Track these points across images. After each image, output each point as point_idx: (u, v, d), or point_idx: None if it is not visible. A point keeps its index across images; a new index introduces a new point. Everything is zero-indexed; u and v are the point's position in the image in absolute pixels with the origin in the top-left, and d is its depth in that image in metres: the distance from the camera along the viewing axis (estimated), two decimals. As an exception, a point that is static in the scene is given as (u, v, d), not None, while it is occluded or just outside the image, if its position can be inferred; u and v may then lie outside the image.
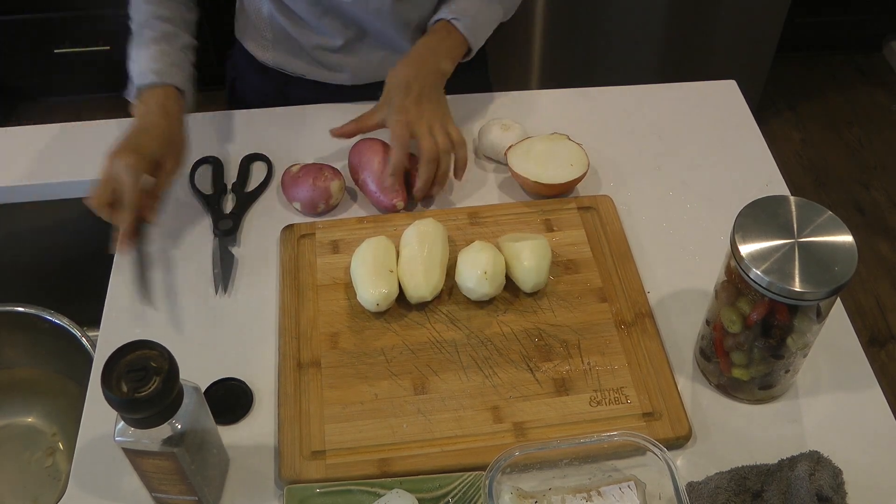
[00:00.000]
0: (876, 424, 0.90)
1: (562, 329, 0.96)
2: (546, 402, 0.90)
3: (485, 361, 0.93)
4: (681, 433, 0.87)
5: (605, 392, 0.91)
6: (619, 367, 0.93)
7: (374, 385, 0.91)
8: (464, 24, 1.11)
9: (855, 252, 0.79)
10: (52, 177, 1.15)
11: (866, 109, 2.72)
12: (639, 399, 0.90)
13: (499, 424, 0.88)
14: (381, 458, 0.85)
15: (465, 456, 0.85)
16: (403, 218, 1.06)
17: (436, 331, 0.96)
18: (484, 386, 0.91)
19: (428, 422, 0.88)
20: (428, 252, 0.97)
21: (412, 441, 0.87)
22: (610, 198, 1.10)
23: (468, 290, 0.97)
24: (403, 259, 0.98)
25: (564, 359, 0.94)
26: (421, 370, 0.93)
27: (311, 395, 0.90)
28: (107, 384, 0.69)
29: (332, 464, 0.85)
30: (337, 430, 0.88)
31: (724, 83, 1.29)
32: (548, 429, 0.88)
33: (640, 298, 0.99)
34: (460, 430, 0.88)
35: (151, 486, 0.80)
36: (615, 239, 1.05)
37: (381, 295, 0.95)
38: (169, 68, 1.05)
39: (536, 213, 1.08)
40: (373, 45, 1.19)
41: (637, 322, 0.97)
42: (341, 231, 1.06)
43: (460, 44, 1.12)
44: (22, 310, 1.14)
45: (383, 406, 0.90)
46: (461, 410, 0.89)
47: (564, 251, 1.04)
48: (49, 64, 2.51)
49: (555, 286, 1.00)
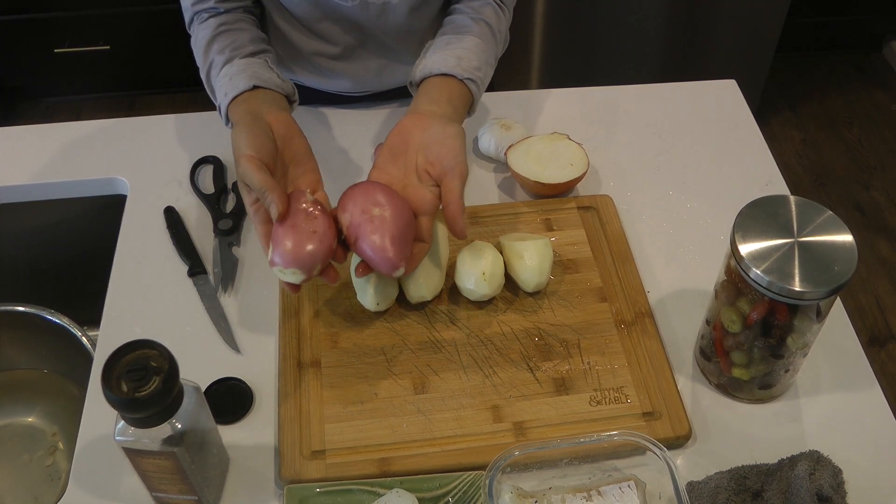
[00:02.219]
0: (876, 424, 0.90)
1: (562, 329, 0.96)
2: (546, 402, 0.90)
3: (485, 361, 0.93)
4: (681, 433, 0.87)
5: (605, 391, 0.91)
6: (619, 367, 0.93)
7: (374, 385, 0.91)
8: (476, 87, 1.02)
9: (855, 252, 0.79)
10: (52, 177, 1.15)
11: (866, 109, 2.72)
12: (639, 399, 0.90)
13: (499, 424, 0.88)
14: (381, 458, 0.85)
15: (465, 455, 0.85)
16: None
17: (436, 330, 0.96)
18: (484, 385, 0.91)
19: (428, 421, 0.88)
20: (429, 252, 0.97)
21: (412, 441, 0.87)
22: (610, 197, 1.10)
23: (467, 290, 0.97)
24: None
25: (564, 358, 0.94)
26: (421, 370, 0.93)
27: (312, 395, 0.90)
28: (107, 384, 0.69)
29: (333, 463, 0.85)
30: (337, 429, 0.88)
31: (724, 83, 1.29)
32: (548, 428, 0.88)
33: (639, 298, 0.99)
34: (460, 430, 0.88)
35: (151, 485, 0.80)
36: (615, 239, 1.05)
37: (382, 294, 0.95)
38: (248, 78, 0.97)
39: (536, 213, 1.08)
40: (372, 53, 1.18)
41: (637, 322, 0.97)
42: None
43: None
44: (22, 310, 1.14)
45: (383, 406, 0.90)
46: (461, 410, 0.89)
47: (564, 251, 1.04)
48: (49, 64, 2.51)
49: (555, 286, 1.00)
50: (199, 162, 1.15)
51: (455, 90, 0.99)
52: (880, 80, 2.82)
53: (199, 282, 1.02)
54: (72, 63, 2.51)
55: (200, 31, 1.03)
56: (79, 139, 1.20)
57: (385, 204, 0.87)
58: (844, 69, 2.85)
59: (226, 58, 1.00)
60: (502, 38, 1.10)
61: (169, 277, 1.03)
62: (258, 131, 0.89)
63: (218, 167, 1.14)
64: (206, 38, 1.02)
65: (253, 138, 0.88)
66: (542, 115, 1.23)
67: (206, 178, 1.14)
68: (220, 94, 0.98)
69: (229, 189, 1.13)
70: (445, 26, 1.08)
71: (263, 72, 0.98)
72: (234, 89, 0.96)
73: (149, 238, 1.07)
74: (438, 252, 0.98)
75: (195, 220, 1.09)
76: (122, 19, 2.43)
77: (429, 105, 0.97)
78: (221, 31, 1.02)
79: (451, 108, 0.97)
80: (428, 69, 1.00)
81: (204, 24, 1.03)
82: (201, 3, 1.03)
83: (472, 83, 1.00)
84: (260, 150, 0.88)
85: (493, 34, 1.07)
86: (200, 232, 1.08)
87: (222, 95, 0.97)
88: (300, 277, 0.85)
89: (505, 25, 1.11)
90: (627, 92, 1.28)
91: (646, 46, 2.30)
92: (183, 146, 1.19)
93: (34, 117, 2.65)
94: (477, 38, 1.04)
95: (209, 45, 1.02)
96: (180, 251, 1.05)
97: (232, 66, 0.99)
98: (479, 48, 1.03)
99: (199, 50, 1.03)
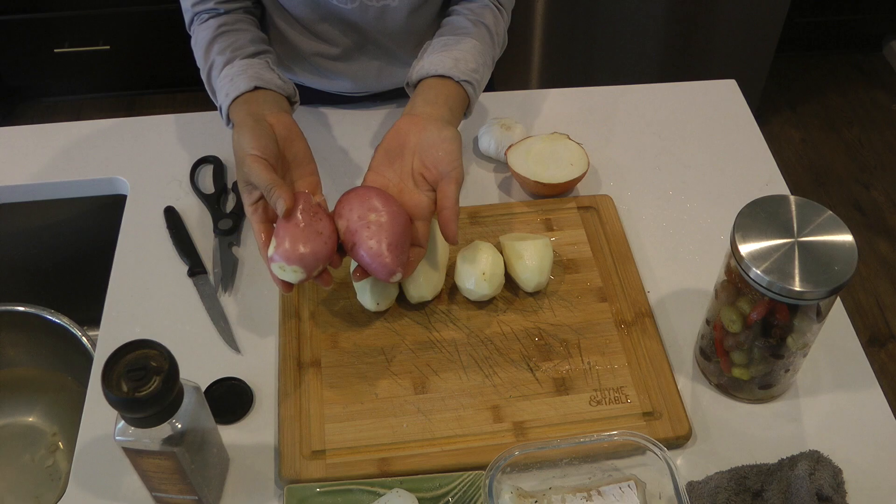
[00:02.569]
0: (876, 424, 0.90)
1: (562, 328, 0.96)
2: (546, 402, 0.90)
3: (485, 361, 0.93)
4: (681, 433, 0.87)
5: (605, 391, 0.91)
6: (619, 367, 0.93)
7: (374, 385, 0.91)
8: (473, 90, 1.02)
9: (855, 252, 0.79)
10: (52, 177, 1.15)
11: (866, 109, 2.72)
12: (639, 398, 0.90)
13: (499, 424, 0.88)
14: (381, 458, 0.85)
15: (465, 455, 0.85)
16: None
17: (436, 330, 0.96)
18: (484, 385, 0.91)
19: (428, 421, 0.88)
20: (428, 252, 0.97)
21: (412, 440, 0.87)
22: (610, 197, 1.10)
23: (467, 290, 0.97)
24: None
25: (564, 358, 0.94)
26: (421, 370, 0.93)
27: (312, 395, 0.90)
28: (107, 384, 0.69)
29: (333, 463, 0.85)
30: (337, 429, 0.88)
31: (724, 83, 1.29)
32: (548, 428, 0.88)
33: (639, 298, 0.99)
34: (460, 430, 0.88)
35: (151, 485, 0.80)
36: (615, 239, 1.05)
37: (381, 294, 0.95)
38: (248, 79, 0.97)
39: (536, 213, 1.08)
40: (372, 55, 1.18)
41: (637, 322, 0.97)
42: None
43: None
44: (22, 310, 1.14)
45: (383, 405, 0.90)
46: (461, 410, 0.89)
47: (564, 251, 1.04)
48: (49, 64, 2.51)
49: (555, 286, 1.00)
50: (199, 162, 1.15)
51: (452, 92, 0.99)
52: (880, 80, 2.82)
53: (199, 282, 1.02)
54: (72, 63, 2.51)
55: (201, 31, 1.03)
56: (79, 139, 1.20)
57: (382, 210, 0.87)
58: (844, 69, 2.85)
59: (226, 58, 1.00)
60: (500, 41, 1.10)
61: (169, 277, 1.03)
62: (261, 132, 0.89)
63: (218, 167, 1.14)
64: (206, 39, 1.02)
65: (257, 139, 0.88)
66: (541, 115, 1.23)
67: (206, 178, 1.14)
68: (221, 94, 0.98)
69: (229, 189, 1.13)
70: (443, 27, 1.08)
71: (264, 72, 0.98)
72: (236, 90, 0.96)
73: (149, 238, 1.07)
74: (437, 252, 0.98)
75: (195, 220, 1.09)
76: (122, 19, 2.43)
77: (425, 106, 0.97)
78: (222, 32, 1.02)
79: (447, 110, 0.97)
80: (425, 70, 1.00)
81: (204, 25, 1.03)
82: (202, 3, 1.03)
83: (468, 85, 1.00)
84: (264, 150, 0.88)
85: (492, 36, 1.07)
86: (200, 232, 1.08)
87: (223, 96, 0.97)
88: (300, 276, 0.85)
89: (503, 27, 1.11)
90: (627, 92, 1.28)
91: (646, 46, 2.30)
92: (183, 146, 1.19)
93: (34, 117, 2.65)
94: (475, 40, 1.04)
95: (210, 45, 1.01)
96: (180, 251, 1.05)
97: (233, 67, 0.98)
98: (476, 50, 1.03)
99: (199, 51, 1.03)
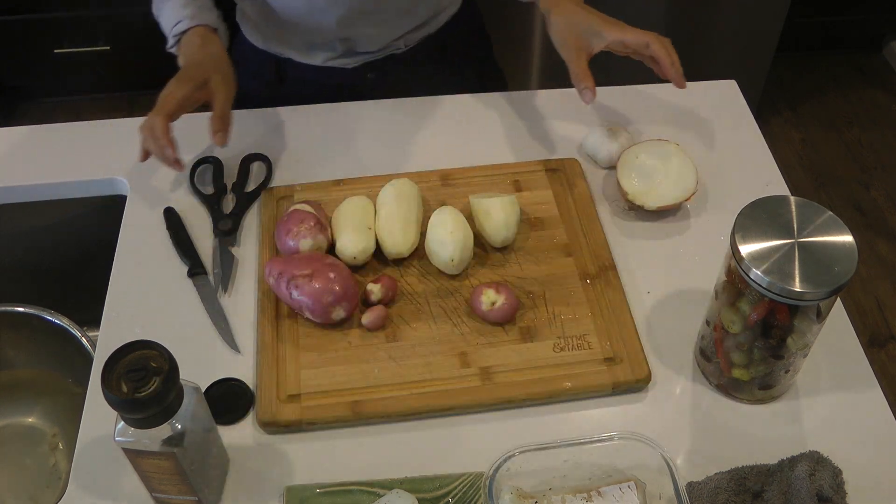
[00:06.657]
0: (876, 424, 0.90)
1: (528, 281, 1.00)
2: (511, 348, 0.94)
3: (453, 311, 0.97)
4: (640, 375, 0.91)
5: (568, 339, 0.94)
6: (581, 316, 0.96)
7: (347, 334, 0.95)
8: None
9: (855, 252, 0.79)
10: (52, 177, 1.15)
11: (866, 109, 2.72)
12: (601, 345, 0.94)
13: (466, 369, 0.92)
14: (353, 401, 0.89)
15: (433, 398, 0.89)
16: (379, 179, 1.09)
17: (408, 283, 1.00)
18: (452, 334, 0.95)
19: (399, 367, 0.92)
20: (405, 211, 1.01)
21: (383, 384, 0.91)
22: (577, 160, 1.13)
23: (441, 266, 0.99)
24: (382, 217, 1.02)
25: (530, 309, 0.97)
26: (393, 320, 0.96)
27: (288, 344, 0.94)
28: (107, 384, 0.69)
29: (308, 406, 0.89)
30: (312, 374, 0.91)
31: (724, 83, 1.29)
32: (513, 373, 0.91)
33: (603, 253, 1.02)
34: (429, 374, 0.91)
35: (151, 486, 0.80)
36: (581, 199, 1.08)
37: (359, 249, 0.99)
38: (199, 11, 1.12)
39: (506, 175, 1.12)
40: (369, 23, 1.21)
41: (601, 274, 1.00)
42: (319, 192, 1.09)
43: None
44: (22, 310, 1.14)
45: (356, 353, 0.94)
46: (430, 356, 0.93)
47: (532, 210, 1.08)
48: (49, 64, 2.51)
49: (522, 241, 1.04)
50: (198, 162, 1.15)
51: None
52: (880, 80, 2.82)
53: (199, 282, 1.02)
54: (72, 63, 2.51)
55: None
56: (79, 139, 1.20)
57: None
58: (844, 69, 2.85)
59: None
60: None
61: (169, 278, 1.03)
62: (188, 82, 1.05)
63: (218, 167, 1.14)
64: None
65: (194, 69, 1.06)
66: (542, 115, 1.23)
67: (206, 178, 1.14)
68: (171, 22, 1.12)
69: (229, 189, 1.13)
70: None
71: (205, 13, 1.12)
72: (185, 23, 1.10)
73: (149, 238, 1.07)
74: (414, 211, 1.02)
75: (195, 220, 1.09)
76: (122, 20, 2.43)
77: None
78: None
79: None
80: None
81: None
82: None
83: None
84: (193, 78, 1.05)
85: None
86: (200, 232, 1.08)
87: (173, 24, 1.12)
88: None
89: None
90: (628, 92, 1.28)
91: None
92: (183, 146, 1.18)
93: (34, 117, 2.65)
94: None
95: None
96: (180, 251, 1.05)
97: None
98: None
99: None
